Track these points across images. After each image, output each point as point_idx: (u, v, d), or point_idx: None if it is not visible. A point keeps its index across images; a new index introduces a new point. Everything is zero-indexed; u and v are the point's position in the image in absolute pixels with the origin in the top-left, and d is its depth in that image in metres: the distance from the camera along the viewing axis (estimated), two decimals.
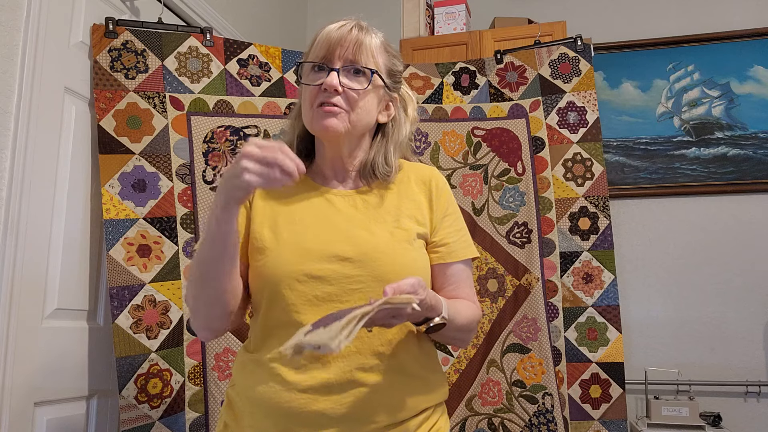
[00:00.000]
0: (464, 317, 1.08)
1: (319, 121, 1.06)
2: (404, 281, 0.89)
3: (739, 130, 2.82)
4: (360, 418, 0.98)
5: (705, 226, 2.79)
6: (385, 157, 1.14)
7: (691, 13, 2.94)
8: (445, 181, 1.20)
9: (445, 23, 2.82)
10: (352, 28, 1.08)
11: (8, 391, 1.50)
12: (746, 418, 2.61)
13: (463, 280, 1.14)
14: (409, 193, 1.15)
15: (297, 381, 0.99)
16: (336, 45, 1.06)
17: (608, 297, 2.16)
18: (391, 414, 1.00)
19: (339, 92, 1.05)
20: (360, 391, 0.99)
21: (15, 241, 1.54)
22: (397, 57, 1.15)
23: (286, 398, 0.98)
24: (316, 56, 1.08)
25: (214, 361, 1.87)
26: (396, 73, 1.15)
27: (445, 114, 2.29)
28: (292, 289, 1.02)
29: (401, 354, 1.04)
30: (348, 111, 1.07)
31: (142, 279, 1.81)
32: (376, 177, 1.13)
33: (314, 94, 1.07)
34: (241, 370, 1.09)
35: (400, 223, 1.09)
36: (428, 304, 0.94)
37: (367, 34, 1.09)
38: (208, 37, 2.03)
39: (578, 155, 2.24)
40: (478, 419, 2.12)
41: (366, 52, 1.08)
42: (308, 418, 0.98)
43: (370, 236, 1.06)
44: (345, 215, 1.09)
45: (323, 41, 1.07)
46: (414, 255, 1.07)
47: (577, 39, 2.32)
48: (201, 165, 1.95)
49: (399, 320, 0.92)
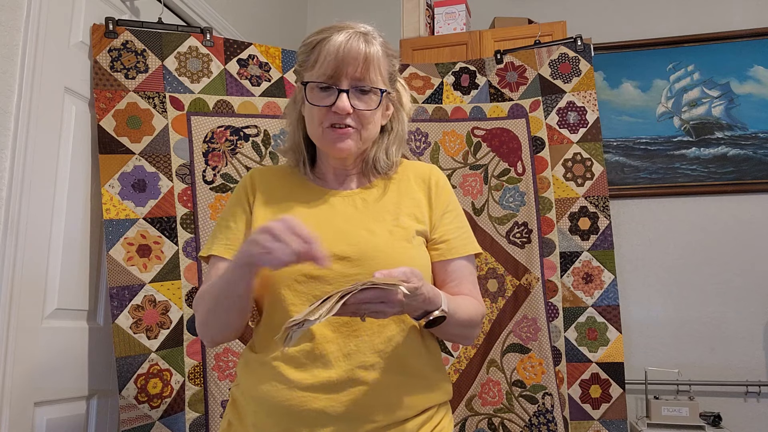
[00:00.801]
0: (466, 313, 1.07)
1: (332, 144, 1.07)
2: (397, 269, 0.89)
3: (739, 130, 2.82)
4: (359, 416, 0.98)
5: (705, 226, 2.79)
6: (386, 153, 1.15)
7: (691, 13, 2.94)
8: (446, 178, 1.20)
9: (445, 23, 2.82)
10: (358, 42, 1.05)
11: (8, 391, 1.50)
12: (746, 418, 2.61)
13: (465, 277, 1.14)
14: (408, 191, 1.15)
15: (299, 379, 0.99)
16: (342, 63, 1.04)
17: (608, 297, 2.16)
18: (390, 413, 1.00)
19: (350, 114, 1.05)
20: (360, 389, 0.99)
21: (15, 241, 1.53)
22: (395, 56, 1.15)
23: (288, 396, 0.99)
24: (322, 74, 1.05)
25: (214, 361, 1.87)
26: (394, 73, 1.15)
27: (445, 114, 2.29)
28: (291, 289, 1.03)
29: (404, 353, 1.04)
30: (359, 129, 1.07)
31: (142, 279, 1.81)
32: (378, 172, 1.14)
33: (323, 114, 1.06)
34: (245, 369, 1.10)
35: (399, 221, 1.09)
36: (425, 296, 0.94)
37: (371, 45, 1.06)
38: (208, 37, 2.03)
39: (578, 155, 2.24)
40: (478, 419, 2.12)
41: (374, 68, 1.06)
42: (308, 417, 0.98)
43: (370, 235, 1.06)
44: (344, 216, 1.10)
45: (330, 59, 1.04)
46: (413, 253, 1.07)
47: (577, 39, 2.32)
48: (201, 165, 1.95)
49: (391, 308, 0.90)
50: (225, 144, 1.99)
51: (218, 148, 1.98)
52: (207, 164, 1.96)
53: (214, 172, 1.96)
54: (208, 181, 1.95)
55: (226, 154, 1.99)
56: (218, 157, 1.98)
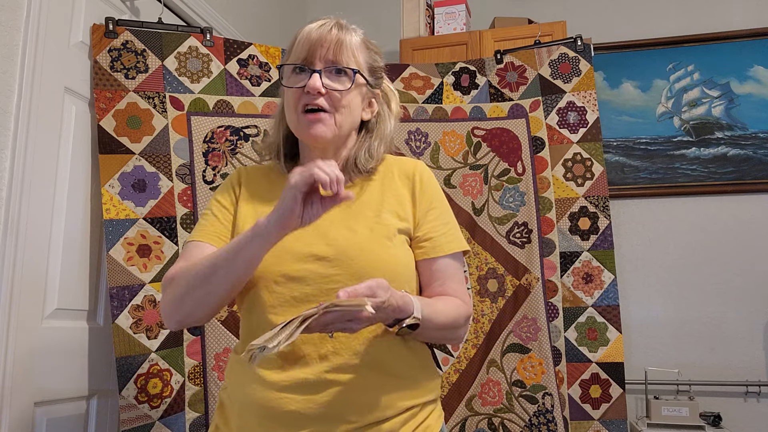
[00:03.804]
0: (445, 316, 1.05)
1: (306, 129, 1.07)
2: (362, 284, 0.87)
3: (739, 130, 2.82)
4: (335, 417, 0.97)
5: (705, 226, 2.79)
6: (369, 151, 1.13)
7: (691, 13, 2.94)
8: (431, 173, 1.17)
9: (445, 23, 2.82)
10: (331, 27, 1.07)
11: (8, 391, 1.50)
12: (746, 418, 2.61)
13: (450, 276, 1.11)
14: (392, 187, 1.13)
15: (276, 381, 0.99)
16: (316, 45, 1.06)
17: (608, 297, 2.16)
18: (367, 413, 0.99)
19: (322, 94, 1.05)
20: (336, 390, 0.98)
21: (15, 241, 1.53)
22: (378, 53, 1.15)
23: (267, 398, 0.98)
24: (296, 57, 1.07)
25: (214, 361, 1.87)
26: (377, 69, 1.14)
27: (445, 114, 2.29)
28: (270, 290, 1.02)
29: (383, 353, 1.02)
30: (332, 112, 1.07)
31: (142, 279, 1.81)
32: (359, 171, 1.13)
33: (297, 97, 1.07)
34: (230, 372, 1.09)
35: (381, 218, 1.08)
36: (394, 306, 0.91)
37: (347, 33, 1.08)
38: (208, 37, 2.03)
39: (578, 155, 2.24)
40: (478, 419, 2.12)
41: (347, 51, 1.07)
42: (285, 418, 0.97)
43: (350, 234, 1.05)
44: (326, 214, 1.09)
45: (303, 42, 1.07)
46: (393, 251, 1.05)
47: (577, 39, 2.32)
48: (201, 165, 1.95)
49: (358, 324, 0.88)
50: (225, 144, 1.99)
51: (218, 148, 1.98)
52: (207, 164, 1.96)
53: (214, 172, 1.96)
54: (208, 181, 1.95)
55: (226, 154, 1.99)
56: (218, 157, 1.98)
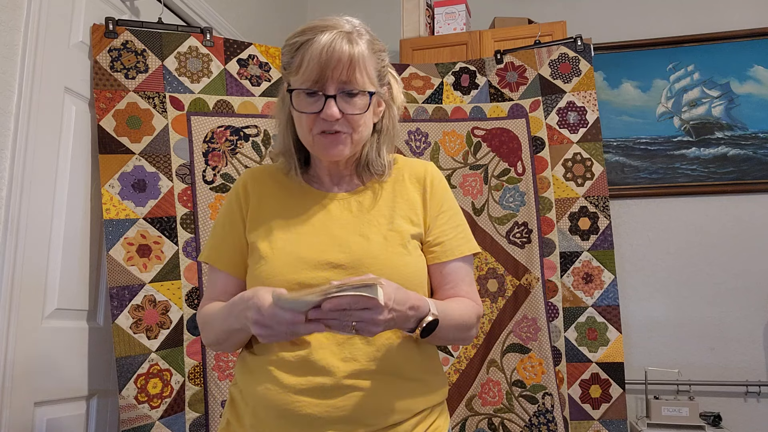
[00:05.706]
0: (459, 314, 1.06)
1: (323, 150, 1.05)
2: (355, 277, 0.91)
3: (739, 130, 2.82)
4: (353, 421, 0.98)
5: (705, 226, 2.79)
6: (378, 152, 1.13)
7: (691, 13, 2.94)
8: (441, 176, 1.17)
9: (445, 23, 2.82)
10: (341, 44, 1.00)
11: (8, 391, 1.50)
12: (746, 418, 2.61)
13: (461, 279, 1.12)
14: (403, 191, 1.13)
15: (292, 384, 0.99)
16: (326, 67, 1.00)
17: (608, 297, 2.16)
18: (384, 417, 1.00)
19: (339, 119, 1.03)
20: (354, 395, 0.98)
21: (15, 240, 1.54)
22: (382, 50, 1.10)
23: (283, 400, 0.99)
24: (306, 79, 1.02)
25: (214, 361, 1.87)
26: (383, 69, 1.11)
27: (445, 114, 2.29)
28: None
29: (398, 358, 1.03)
30: (350, 133, 1.05)
31: (142, 279, 1.81)
32: (372, 173, 1.13)
33: (312, 120, 1.04)
34: (242, 369, 1.10)
35: (394, 225, 1.08)
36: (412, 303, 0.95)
37: (355, 45, 1.02)
38: (208, 37, 2.03)
39: (578, 155, 2.24)
40: (478, 419, 2.12)
41: (360, 69, 1.03)
42: (303, 421, 0.98)
43: (364, 241, 1.05)
44: (340, 221, 1.09)
45: (314, 64, 1.00)
46: (407, 259, 1.06)
47: (577, 39, 2.32)
48: (201, 165, 1.95)
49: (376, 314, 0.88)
50: (225, 144, 1.99)
51: (218, 148, 1.98)
52: (207, 164, 1.96)
53: (214, 172, 1.96)
54: (208, 181, 1.95)
55: (226, 154, 1.99)
56: (218, 157, 1.98)
